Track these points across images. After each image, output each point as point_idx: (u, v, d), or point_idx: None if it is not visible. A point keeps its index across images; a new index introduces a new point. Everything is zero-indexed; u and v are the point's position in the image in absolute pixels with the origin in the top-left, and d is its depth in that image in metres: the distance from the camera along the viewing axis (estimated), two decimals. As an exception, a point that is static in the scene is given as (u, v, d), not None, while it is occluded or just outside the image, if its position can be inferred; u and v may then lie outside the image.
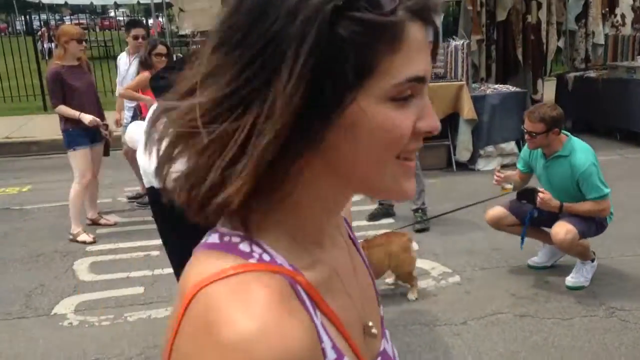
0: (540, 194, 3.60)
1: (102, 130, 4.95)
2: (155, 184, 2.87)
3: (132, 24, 6.34)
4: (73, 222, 4.89)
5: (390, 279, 3.85)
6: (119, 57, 5.94)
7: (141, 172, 2.98)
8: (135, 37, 5.57)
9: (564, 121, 3.70)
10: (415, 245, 4.52)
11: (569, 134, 3.76)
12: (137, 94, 5.14)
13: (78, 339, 3.33)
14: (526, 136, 3.72)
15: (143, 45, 5.43)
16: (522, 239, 3.82)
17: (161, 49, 5.19)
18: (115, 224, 5.25)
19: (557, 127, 3.61)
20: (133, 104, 5.60)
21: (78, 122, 4.78)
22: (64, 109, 4.78)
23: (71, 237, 4.87)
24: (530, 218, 3.75)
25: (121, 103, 5.82)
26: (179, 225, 2.97)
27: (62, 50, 4.81)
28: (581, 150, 3.66)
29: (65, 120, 4.86)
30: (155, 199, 2.97)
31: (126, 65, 5.71)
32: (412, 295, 3.67)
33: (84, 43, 4.98)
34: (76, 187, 4.91)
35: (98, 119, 4.87)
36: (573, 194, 3.64)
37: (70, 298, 3.84)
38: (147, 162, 2.89)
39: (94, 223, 5.22)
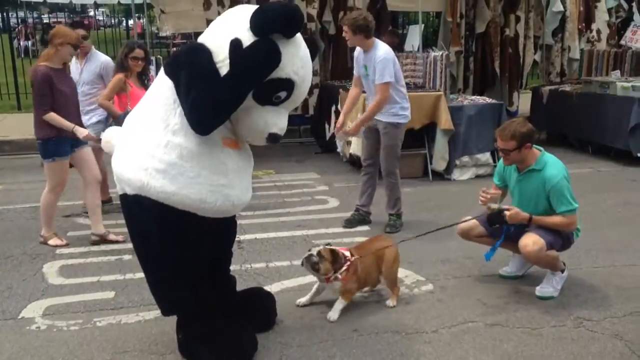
0: (506, 212, 3.65)
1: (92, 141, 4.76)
2: (128, 190, 2.84)
3: (76, 25, 6.08)
4: (44, 226, 4.79)
5: (365, 288, 3.87)
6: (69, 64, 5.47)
7: (115, 178, 2.94)
8: (85, 38, 5.39)
9: (535, 135, 3.75)
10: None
11: (542, 149, 3.82)
12: (114, 109, 5.07)
13: (46, 343, 3.26)
14: (500, 154, 3.77)
15: (91, 49, 5.44)
16: (492, 251, 3.84)
17: (138, 52, 5.14)
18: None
19: (529, 142, 3.66)
20: (94, 106, 5.43)
21: (61, 130, 4.49)
22: (56, 117, 4.45)
23: (42, 239, 4.78)
24: (507, 232, 3.78)
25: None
26: (149, 230, 2.97)
27: (53, 51, 4.52)
28: (553, 165, 3.72)
29: (47, 127, 4.49)
30: (126, 205, 2.94)
31: (78, 71, 5.48)
32: (392, 302, 3.70)
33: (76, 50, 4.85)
34: (50, 196, 4.69)
35: (92, 134, 4.69)
36: (543, 208, 3.70)
37: (38, 302, 3.77)
38: (121, 167, 2.86)
39: (103, 240, 4.77)
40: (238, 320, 3.19)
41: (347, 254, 3.56)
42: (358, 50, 4.97)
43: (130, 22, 14.20)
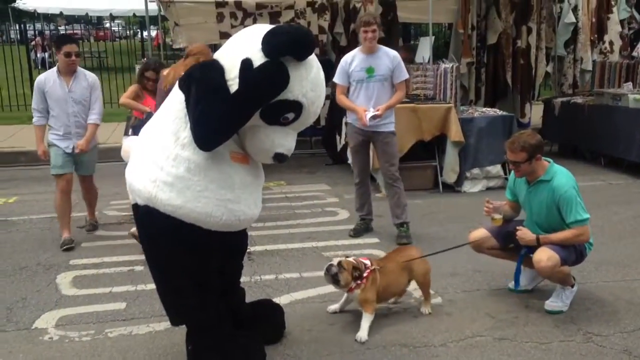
0: (517, 232, 3.68)
1: None
2: (139, 200, 2.90)
3: (64, 40, 5.22)
4: None
5: (388, 299, 3.89)
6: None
7: (127, 187, 3.00)
8: (68, 55, 4.92)
9: (544, 146, 3.77)
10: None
11: (550, 160, 3.83)
12: (141, 105, 5.23)
13: (58, 354, 3.32)
14: (511, 166, 3.78)
15: (77, 64, 5.09)
16: (517, 279, 3.84)
17: (150, 74, 5.30)
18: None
19: (539, 153, 3.68)
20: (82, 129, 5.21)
21: None
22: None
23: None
24: (524, 256, 3.79)
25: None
26: (159, 241, 3.01)
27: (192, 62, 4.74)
28: (562, 175, 3.73)
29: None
30: (138, 215, 3.00)
31: (62, 90, 5.06)
32: (427, 309, 3.75)
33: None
34: None
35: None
36: (555, 219, 3.69)
37: (51, 312, 3.83)
38: (132, 178, 2.92)
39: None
40: (247, 332, 3.22)
41: (368, 262, 3.60)
42: (354, 55, 5.08)
43: (145, 33, 14.37)
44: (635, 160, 7.26)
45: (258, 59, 2.72)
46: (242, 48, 2.80)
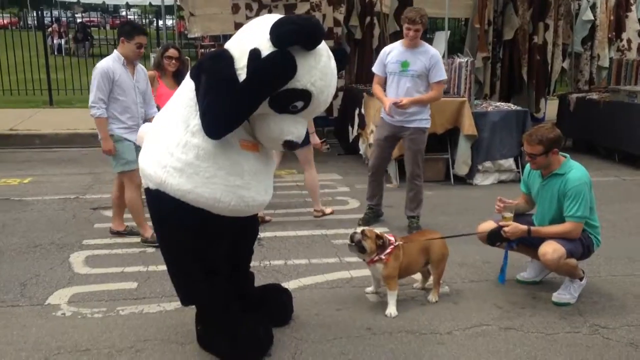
0: (505, 229, 3.68)
1: None
2: (150, 185, 2.94)
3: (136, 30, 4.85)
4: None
5: (417, 284, 3.96)
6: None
7: (140, 172, 3.05)
8: (139, 46, 4.69)
9: (562, 141, 3.76)
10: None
11: (567, 155, 3.82)
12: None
13: (70, 329, 3.38)
14: (527, 158, 3.78)
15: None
16: (503, 272, 3.85)
17: (172, 52, 5.31)
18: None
19: (556, 147, 3.67)
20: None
21: None
22: None
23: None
24: (509, 249, 3.84)
25: None
26: (169, 224, 3.06)
27: None
28: (578, 170, 3.72)
29: None
30: (149, 198, 3.04)
31: (130, 80, 4.80)
32: (433, 297, 3.79)
33: None
34: None
35: None
36: (562, 212, 3.69)
37: (64, 289, 3.90)
38: (144, 162, 2.96)
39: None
40: (255, 314, 3.27)
41: (392, 238, 3.65)
42: (394, 47, 5.06)
43: (161, 22, 14.45)
44: (650, 157, 7.21)
45: (266, 48, 2.74)
46: (251, 38, 2.83)
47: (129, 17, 24.77)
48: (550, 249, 3.60)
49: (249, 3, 7.98)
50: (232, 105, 2.75)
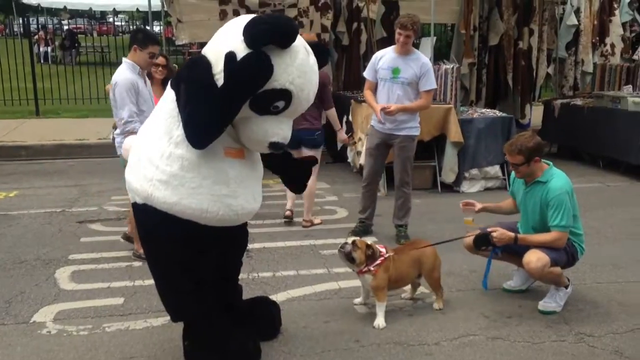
0: (493, 234, 3.70)
1: None
2: (137, 199, 2.93)
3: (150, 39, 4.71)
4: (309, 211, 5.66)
5: (406, 294, 3.97)
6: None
7: (126, 187, 3.03)
8: (152, 56, 4.63)
9: (543, 149, 3.79)
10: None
11: (550, 163, 3.86)
12: None
13: (55, 347, 3.35)
14: (511, 167, 3.82)
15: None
16: (485, 277, 3.88)
17: (159, 59, 5.29)
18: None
19: (537, 156, 3.70)
20: None
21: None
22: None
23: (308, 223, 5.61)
24: (493, 255, 3.86)
25: None
26: (157, 238, 3.04)
27: None
28: (559, 178, 3.75)
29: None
30: (136, 213, 3.04)
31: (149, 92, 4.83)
32: (438, 305, 3.81)
33: None
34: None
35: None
36: (545, 220, 3.72)
37: (50, 306, 3.86)
38: (130, 176, 2.95)
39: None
40: (243, 328, 3.26)
41: (383, 250, 3.66)
42: (386, 52, 5.07)
43: (148, 29, 14.42)
44: (634, 162, 7.29)
45: (241, 50, 2.72)
46: (225, 41, 2.81)
47: (116, 23, 24.71)
48: (535, 258, 3.63)
49: (237, 9, 7.98)
50: (212, 112, 2.72)
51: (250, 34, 2.70)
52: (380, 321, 3.58)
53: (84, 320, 3.68)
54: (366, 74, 5.21)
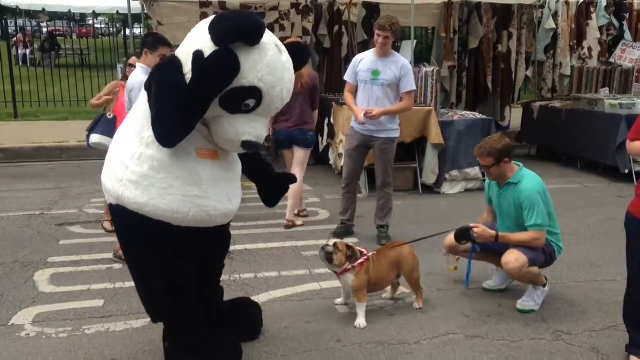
0: (474, 229, 3.74)
1: None
2: (112, 200, 2.91)
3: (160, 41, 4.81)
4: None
5: (387, 294, 4.00)
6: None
7: (103, 188, 3.02)
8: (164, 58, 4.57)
9: (513, 150, 3.85)
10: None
11: (520, 164, 3.92)
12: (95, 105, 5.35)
13: (35, 350, 3.32)
14: (482, 169, 3.87)
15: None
16: (468, 275, 3.94)
17: (132, 59, 5.29)
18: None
19: (506, 157, 3.76)
20: None
21: None
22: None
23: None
24: (472, 253, 3.92)
25: None
26: (132, 239, 3.01)
27: None
28: (530, 179, 3.81)
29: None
30: (112, 214, 3.01)
31: None
32: (418, 304, 3.86)
33: None
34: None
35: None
36: (522, 221, 3.78)
37: (28, 309, 3.83)
38: (104, 178, 2.94)
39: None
40: (224, 330, 3.26)
41: (364, 251, 3.70)
42: (366, 55, 5.10)
43: (128, 31, 14.32)
44: (611, 164, 7.41)
45: (209, 48, 2.71)
46: (195, 40, 2.81)
47: (96, 26, 24.48)
48: (513, 258, 3.68)
49: (217, 12, 7.93)
50: (180, 110, 2.71)
51: (216, 31, 2.70)
52: (361, 321, 3.61)
53: (63, 322, 3.65)
54: (347, 76, 5.24)
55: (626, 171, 7.21)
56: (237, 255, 4.82)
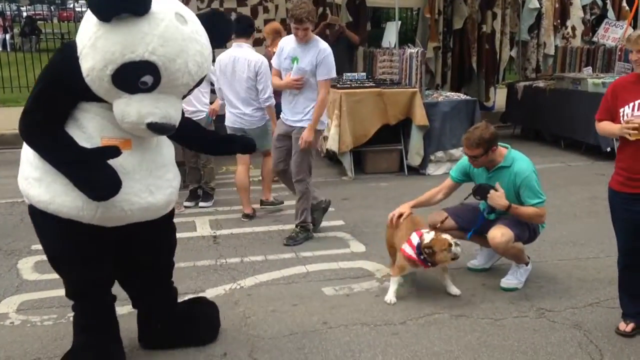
0: (492, 190, 3.74)
1: None
2: (26, 200, 2.82)
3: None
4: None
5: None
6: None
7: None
8: None
9: (498, 137, 3.84)
10: (362, 247, 4.66)
11: (508, 146, 3.93)
12: None
13: (19, 338, 3.31)
14: (469, 160, 3.86)
15: None
16: (471, 232, 3.97)
17: None
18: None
19: (494, 145, 3.77)
20: None
21: None
22: None
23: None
24: (483, 218, 3.93)
25: None
26: (45, 240, 2.74)
27: None
28: (522, 160, 3.85)
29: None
30: (30, 217, 2.89)
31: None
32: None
33: None
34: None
35: None
36: (515, 202, 3.80)
37: (12, 297, 3.80)
38: (18, 176, 2.83)
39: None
40: (112, 336, 3.06)
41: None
42: (289, 41, 4.71)
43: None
44: (594, 143, 7.46)
45: (94, 25, 2.53)
46: (85, 20, 2.64)
47: (77, 9, 24.06)
48: (499, 233, 3.72)
49: (199, -3, 7.87)
50: (29, 103, 2.60)
51: (95, 6, 2.48)
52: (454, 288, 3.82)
53: (48, 310, 3.63)
54: (273, 62, 4.88)
55: (608, 149, 7.26)
56: (223, 240, 4.81)
